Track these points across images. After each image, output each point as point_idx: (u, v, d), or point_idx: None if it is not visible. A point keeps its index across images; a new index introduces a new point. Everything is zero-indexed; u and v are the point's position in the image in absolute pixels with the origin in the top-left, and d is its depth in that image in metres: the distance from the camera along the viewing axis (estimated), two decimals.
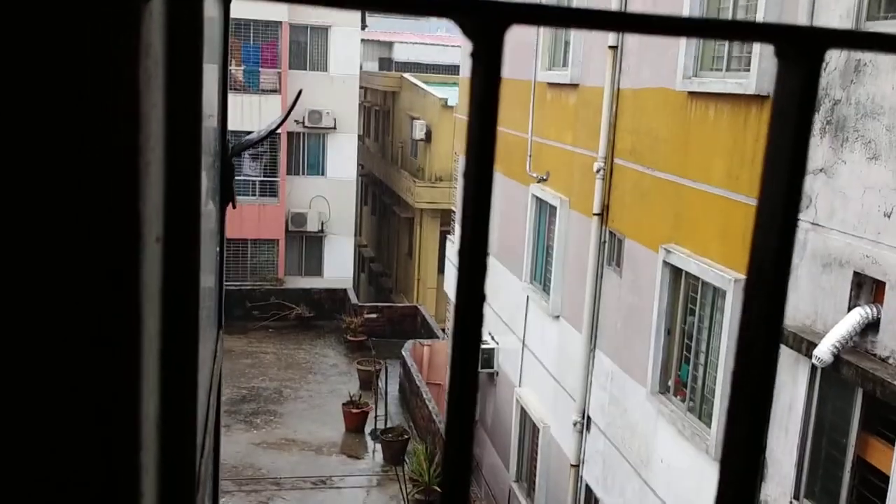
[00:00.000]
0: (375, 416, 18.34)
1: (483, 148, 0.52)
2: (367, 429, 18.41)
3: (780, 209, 0.50)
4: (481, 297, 0.53)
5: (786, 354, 7.14)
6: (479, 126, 0.52)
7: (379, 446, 17.54)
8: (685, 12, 8.85)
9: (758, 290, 0.52)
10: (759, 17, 7.58)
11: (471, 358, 0.52)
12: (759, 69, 7.58)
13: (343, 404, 18.59)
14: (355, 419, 18.33)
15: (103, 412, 0.47)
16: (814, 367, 6.70)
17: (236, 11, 27.87)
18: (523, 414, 13.77)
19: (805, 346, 6.66)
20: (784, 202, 0.50)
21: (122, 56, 0.44)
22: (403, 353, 20.19)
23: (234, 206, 1.62)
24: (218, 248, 1.48)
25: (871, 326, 6.22)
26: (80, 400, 0.46)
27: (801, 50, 0.50)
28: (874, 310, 6.20)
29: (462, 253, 0.51)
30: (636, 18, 0.49)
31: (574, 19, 0.49)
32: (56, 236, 0.44)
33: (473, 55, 0.51)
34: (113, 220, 0.45)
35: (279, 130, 26.09)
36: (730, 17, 8.34)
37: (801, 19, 7.01)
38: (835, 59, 6.71)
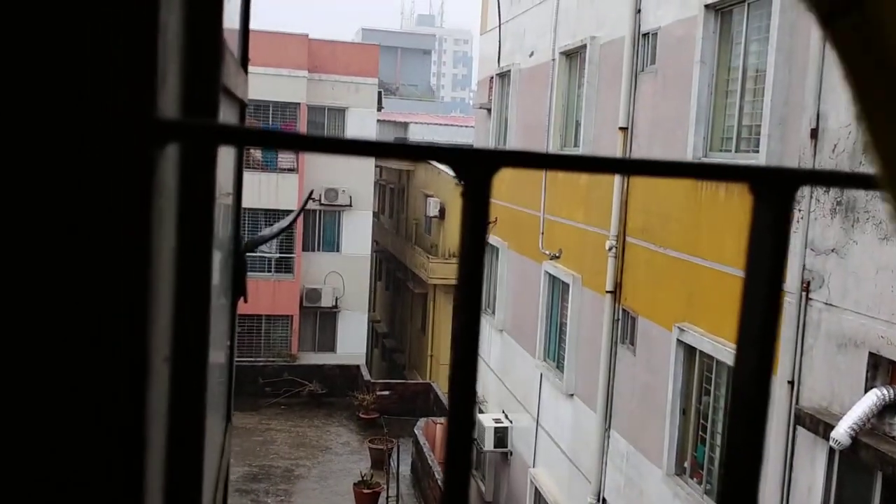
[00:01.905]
0: (387, 497, 18.01)
1: (472, 277, 0.55)
2: None
3: (757, 344, 0.52)
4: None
5: (803, 436, 7.03)
6: (468, 255, 0.55)
7: None
8: (693, 105, 9.00)
9: (740, 423, 0.54)
10: (767, 102, 7.71)
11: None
12: (768, 149, 7.67)
13: (354, 484, 18.30)
14: (367, 500, 18.01)
15: None
16: (832, 450, 6.58)
17: (256, 93, 28.28)
18: (537, 495, 13.51)
19: (822, 427, 6.56)
20: (761, 338, 0.52)
21: (136, 198, 0.47)
22: (416, 431, 19.94)
23: (245, 301, 1.65)
24: (228, 342, 1.51)
25: (889, 408, 6.13)
26: None
27: (773, 189, 0.53)
28: (891, 391, 6.12)
29: (452, 383, 0.54)
30: (614, 162, 0.52)
31: (553, 163, 0.52)
32: (72, 361, 0.47)
33: (464, 195, 0.54)
34: (121, 350, 0.48)
35: (295, 209, 26.39)
36: (737, 103, 8.48)
37: (809, 103, 7.12)
38: (843, 140, 6.79)
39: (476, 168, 0.51)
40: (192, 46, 0.66)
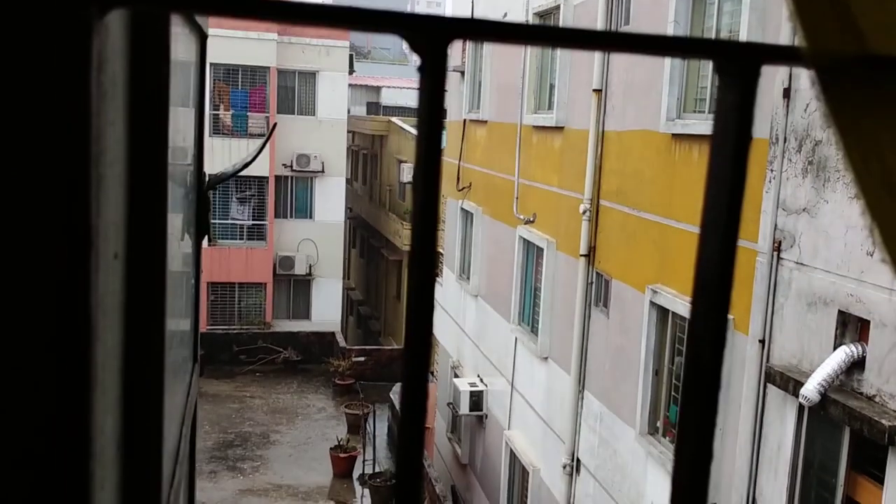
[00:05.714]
0: (364, 461, 18.14)
1: (429, 160, 0.53)
2: (356, 474, 18.20)
3: (722, 221, 0.51)
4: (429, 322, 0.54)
5: (773, 394, 7.13)
6: (426, 137, 0.53)
7: (367, 491, 17.33)
8: (666, 66, 8.98)
9: (702, 305, 0.53)
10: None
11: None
12: None
13: (331, 449, 18.40)
14: (343, 464, 18.13)
15: (51, 423, 0.47)
16: (801, 407, 6.69)
17: (225, 57, 27.73)
18: (513, 457, 13.65)
19: (792, 385, 6.66)
20: (726, 214, 0.51)
21: (71, 72, 0.44)
22: (392, 396, 20.05)
23: (209, 241, 1.62)
24: (194, 281, 1.49)
25: (857, 365, 6.23)
26: (26, 412, 0.46)
27: (739, 64, 0.52)
28: (860, 348, 6.21)
29: (412, 265, 0.52)
30: (571, 33, 0.50)
31: (513, 34, 0.50)
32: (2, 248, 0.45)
33: (420, 68, 0.52)
34: (62, 233, 0.45)
35: (267, 175, 26.17)
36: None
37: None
38: (815, 100, 6.82)
39: (432, 36, 0.49)
40: None
